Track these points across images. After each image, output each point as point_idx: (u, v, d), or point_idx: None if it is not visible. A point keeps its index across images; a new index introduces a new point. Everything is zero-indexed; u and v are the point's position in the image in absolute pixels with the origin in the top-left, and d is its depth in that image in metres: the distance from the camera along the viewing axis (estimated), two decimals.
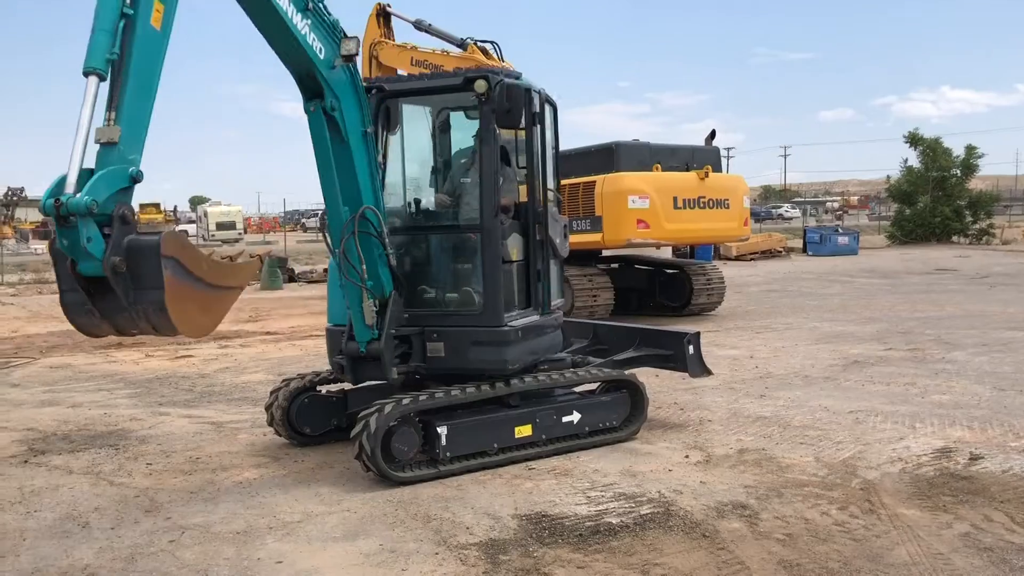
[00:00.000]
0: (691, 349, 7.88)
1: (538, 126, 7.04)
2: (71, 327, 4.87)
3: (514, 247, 7.00)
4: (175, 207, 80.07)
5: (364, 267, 6.28)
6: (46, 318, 18.10)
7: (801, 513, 5.43)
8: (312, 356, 12.53)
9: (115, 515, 5.68)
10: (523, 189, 7.12)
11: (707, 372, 8.03)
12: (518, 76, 6.99)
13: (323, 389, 7.50)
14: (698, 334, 7.99)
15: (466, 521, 5.39)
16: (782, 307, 17.65)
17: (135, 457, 7.17)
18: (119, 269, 4.45)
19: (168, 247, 4.54)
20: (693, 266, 17.04)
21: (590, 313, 14.51)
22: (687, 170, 15.79)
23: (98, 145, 4.53)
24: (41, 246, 55.88)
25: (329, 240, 6.54)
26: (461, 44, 15.59)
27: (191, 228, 64.96)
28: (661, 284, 17.14)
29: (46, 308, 19.90)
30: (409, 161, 7.70)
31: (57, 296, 4.89)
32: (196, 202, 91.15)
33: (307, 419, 7.33)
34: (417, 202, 7.61)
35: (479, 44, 15.53)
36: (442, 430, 6.33)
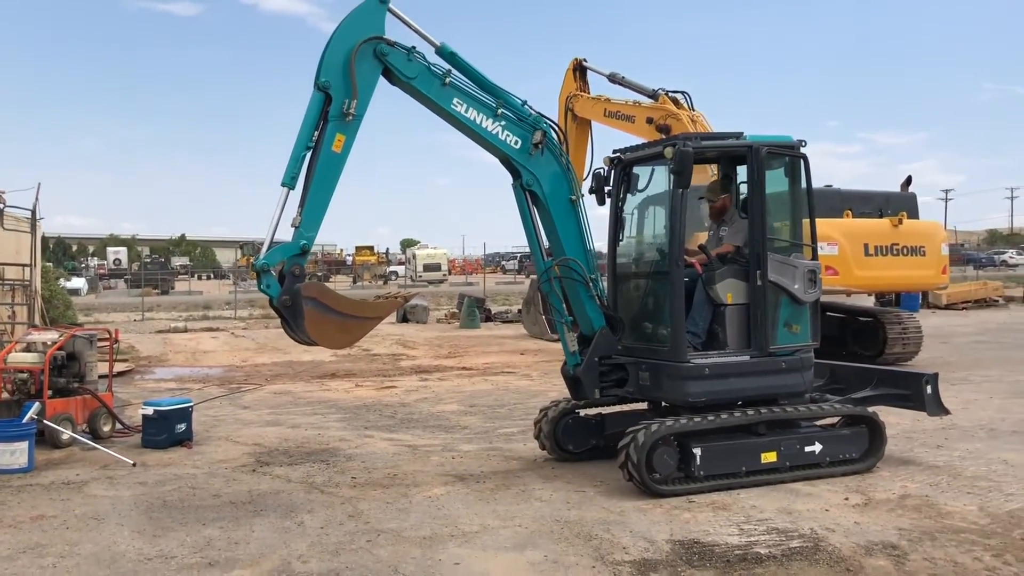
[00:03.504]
0: (929, 389, 8.20)
1: (757, 180, 7.63)
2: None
3: (728, 291, 7.68)
4: (387, 249, 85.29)
5: (565, 306, 7.78)
6: (271, 350, 20.15)
7: (952, 557, 5.56)
8: (502, 391, 13.42)
9: (324, 517, 6.65)
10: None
11: (945, 412, 8.34)
12: (683, 137, 7.62)
13: (583, 412, 8.44)
14: (936, 375, 8.32)
15: (624, 542, 5.92)
16: (986, 359, 16.81)
17: (342, 471, 8.20)
18: (286, 305, 6.65)
19: (308, 291, 6.73)
20: (888, 314, 16.60)
21: None
22: (880, 216, 15.56)
23: (293, 228, 6.82)
24: None
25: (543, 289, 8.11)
26: (653, 95, 16.32)
27: (400, 269, 68.86)
28: (854, 332, 16.79)
29: (272, 340, 22.10)
30: (648, 216, 8.71)
31: (276, 330, 7.03)
32: (407, 245, 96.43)
33: (570, 437, 8.36)
34: (641, 250, 8.67)
35: (670, 94, 16.18)
36: (697, 451, 7.11)
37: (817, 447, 7.57)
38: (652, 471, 6.97)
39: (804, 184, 7.90)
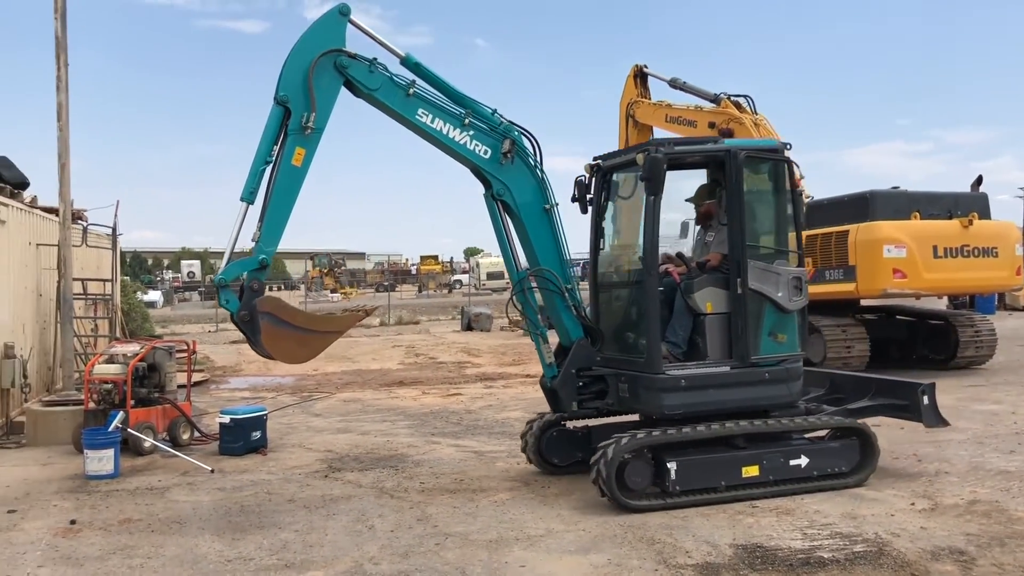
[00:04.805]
0: (925, 400, 7.93)
1: (736, 186, 7.42)
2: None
3: (708, 300, 7.54)
4: (451, 259, 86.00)
5: (539, 317, 7.71)
6: (341, 359, 20.56)
7: (1022, 562, 5.51)
8: None
9: (394, 521, 6.87)
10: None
11: (943, 423, 8.03)
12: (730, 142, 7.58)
13: (570, 424, 8.37)
14: (933, 385, 8.03)
15: (687, 546, 6.00)
16: None
17: (411, 477, 8.42)
18: (245, 319, 6.74)
19: (263, 306, 6.79)
20: (960, 317, 16.27)
21: (843, 364, 14.33)
22: (950, 218, 15.26)
23: (252, 243, 6.91)
24: (338, 296, 62.26)
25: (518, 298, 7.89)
26: (715, 99, 16.30)
27: (464, 278, 69.38)
28: (924, 336, 16.50)
29: (340, 350, 22.51)
30: (628, 224, 8.48)
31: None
32: (470, 253, 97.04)
33: (555, 450, 8.27)
34: (620, 259, 8.48)
35: (732, 98, 16.14)
36: (672, 465, 6.95)
37: (803, 460, 7.29)
38: (624, 486, 6.83)
39: (788, 188, 7.66)
